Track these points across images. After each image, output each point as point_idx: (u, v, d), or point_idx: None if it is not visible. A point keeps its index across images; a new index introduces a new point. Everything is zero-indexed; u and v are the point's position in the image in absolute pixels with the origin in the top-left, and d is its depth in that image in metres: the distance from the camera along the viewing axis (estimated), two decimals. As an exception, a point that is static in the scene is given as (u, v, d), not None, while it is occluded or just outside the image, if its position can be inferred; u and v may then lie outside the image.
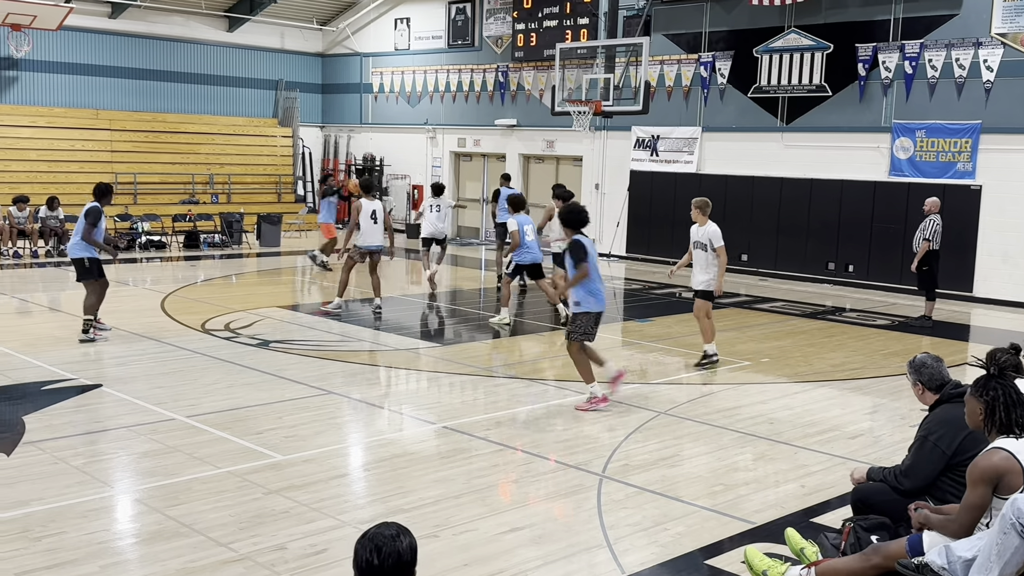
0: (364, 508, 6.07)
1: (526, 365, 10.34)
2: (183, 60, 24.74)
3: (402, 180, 25.62)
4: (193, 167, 23.92)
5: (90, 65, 23.11)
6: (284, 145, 26.27)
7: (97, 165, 22.40)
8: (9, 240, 18.17)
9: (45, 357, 9.82)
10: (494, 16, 23.09)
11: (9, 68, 21.91)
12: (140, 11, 23.57)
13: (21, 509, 5.79)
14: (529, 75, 22.52)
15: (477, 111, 23.81)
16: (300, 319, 12.73)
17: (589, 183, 21.51)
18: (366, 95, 26.59)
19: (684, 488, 6.56)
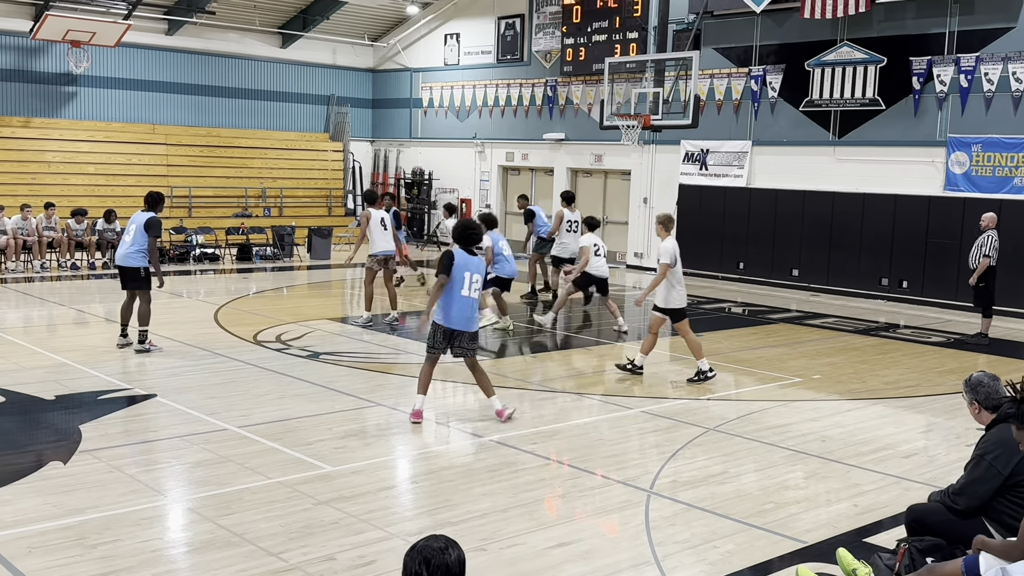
0: (412, 520, 6.10)
1: (573, 379, 10.32)
2: (237, 76, 25.19)
3: (450, 194, 25.75)
4: (246, 181, 24.31)
5: (147, 81, 23.63)
6: (335, 159, 26.59)
7: (153, 179, 22.85)
8: (68, 252, 18.60)
9: (101, 367, 10.02)
10: (543, 31, 23.18)
11: (68, 84, 22.48)
12: (196, 28, 24.07)
13: (78, 516, 5.91)
14: (577, 89, 22.55)
15: (525, 125, 23.90)
16: (350, 331, 12.84)
17: (637, 197, 21.46)
18: (416, 110, 26.83)
19: (734, 506, 6.49)
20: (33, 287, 16.37)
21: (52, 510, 5.99)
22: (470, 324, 8.25)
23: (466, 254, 8.27)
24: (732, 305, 16.63)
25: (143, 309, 11.01)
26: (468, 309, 8.23)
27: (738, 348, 12.45)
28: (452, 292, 8.17)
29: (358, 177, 27.32)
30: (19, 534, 5.59)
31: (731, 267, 19.63)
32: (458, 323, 8.22)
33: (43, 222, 18.47)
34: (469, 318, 8.25)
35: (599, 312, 15.82)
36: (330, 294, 17.06)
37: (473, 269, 8.22)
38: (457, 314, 8.20)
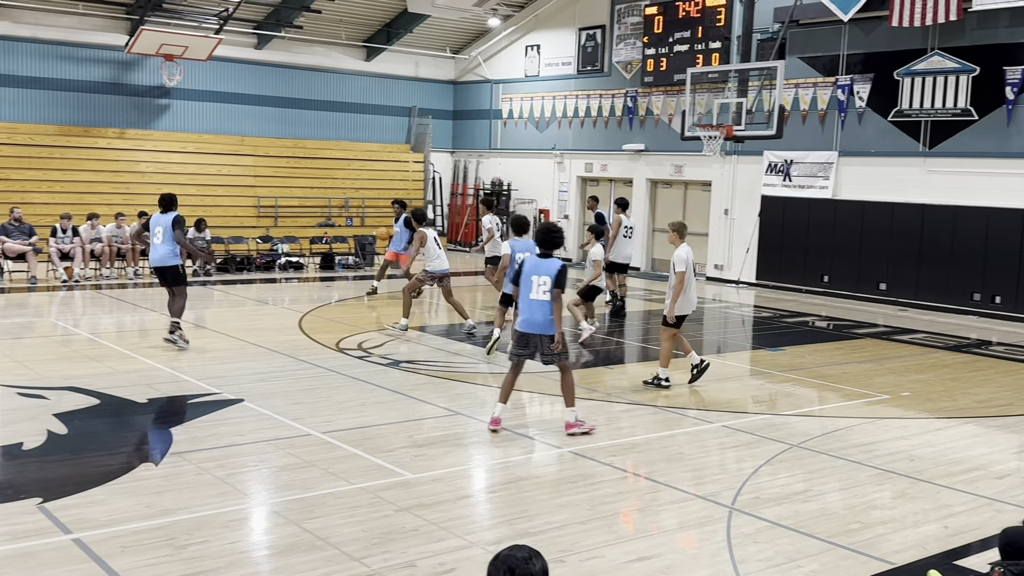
0: (490, 529, 6.12)
1: (651, 392, 10.23)
2: (323, 88, 25.72)
3: (529, 204, 25.86)
4: (330, 191, 24.78)
5: (236, 94, 24.29)
6: (416, 170, 26.93)
7: (241, 189, 23.49)
8: (160, 259, 19.17)
9: (191, 372, 10.32)
10: (624, 42, 23.14)
11: (162, 96, 23.25)
12: (284, 42, 24.67)
13: (168, 517, 6.09)
14: (658, 100, 22.43)
15: (605, 136, 23.85)
16: (428, 340, 12.97)
17: (718, 208, 21.22)
18: (495, 121, 27.02)
19: (819, 524, 6.35)
20: (126, 293, 16.94)
21: (144, 510, 6.19)
22: (546, 327, 8.24)
23: (537, 258, 8.33)
24: (816, 319, 16.31)
25: (179, 303, 11.81)
26: (539, 312, 8.23)
27: (822, 363, 12.20)
28: (521, 296, 8.30)
29: (438, 188, 27.61)
30: (112, 533, 5.78)
31: (815, 280, 19.25)
32: (529, 326, 8.26)
33: (137, 230, 19.08)
34: (541, 322, 8.24)
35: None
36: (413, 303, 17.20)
37: (542, 271, 8.20)
38: (528, 317, 8.25)
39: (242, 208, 23.37)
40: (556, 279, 8.14)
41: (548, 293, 8.18)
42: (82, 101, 22.19)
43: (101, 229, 18.67)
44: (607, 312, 15.73)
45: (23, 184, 20.75)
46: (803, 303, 18.16)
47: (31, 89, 21.53)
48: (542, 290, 8.20)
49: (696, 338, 13.71)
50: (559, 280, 8.14)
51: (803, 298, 18.83)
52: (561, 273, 8.15)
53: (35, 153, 21.20)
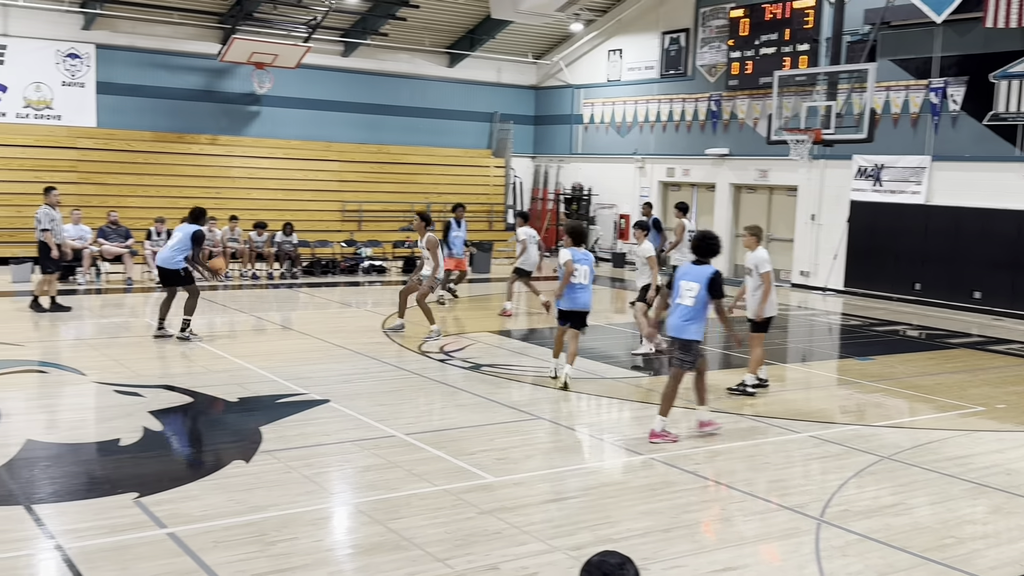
0: (573, 535, 6.11)
1: (735, 400, 10.09)
2: (407, 95, 26.07)
3: (609, 209, 25.76)
4: (412, 196, 25.07)
5: (323, 100, 24.78)
6: (497, 175, 27.07)
7: (327, 194, 23.94)
8: (249, 262, 19.69)
9: (279, 372, 10.55)
10: (709, 45, 22.89)
11: (252, 103, 23.86)
12: (370, 49, 25.08)
13: (258, 514, 6.24)
14: (743, 103, 22.12)
15: (687, 140, 23.63)
16: (509, 344, 13.01)
17: (804, 214, 20.81)
18: (576, 126, 26.99)
19: (911, 539, 6.18)
20: (217, 295, 17.40)
21: (235, 506, 6.35)
22: (680, 331, 8.38)
23: (691, 264, 8.58)
24: (907, 328, 15.87)
25: (190, 302, 12.36)
26: (678, 317, 8.42)
27: (914, 373, 11.87)
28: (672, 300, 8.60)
29: (518, 193, 27.71)
30: (205, 528, 5.95)
31: (906, 288, 18.73)
32: (670, 329, 8.51)
33: (227, 234, 19.63)
34: (679, 325, 8.40)
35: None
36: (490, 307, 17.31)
37: (692, 278, 8.37)
38: (671, 321, 8.52)
39: (327, 212, 23.82)
40: (709, 286, 8.24)
41: (693, 299, 8.30)
42: (176, 108, 22.91)
43: (193, 232, 19.20)
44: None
45: (120, 188, 21.52)
46: (893, 311, 17.68)
47: (128, 96, 22.31)
48: (689, 295, 8.37)
49: (781, 346, 13.49)
50: (712, 287, 8.23)
51: (893, 306, 18.34)
52: (714, 280, 8.24)
53: (131, 158, 21.97)
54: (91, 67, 21.79)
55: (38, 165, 20.72)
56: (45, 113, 21.43)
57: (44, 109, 21.42)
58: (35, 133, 21.16)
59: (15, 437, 7.76)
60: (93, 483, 6.84)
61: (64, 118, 21.60)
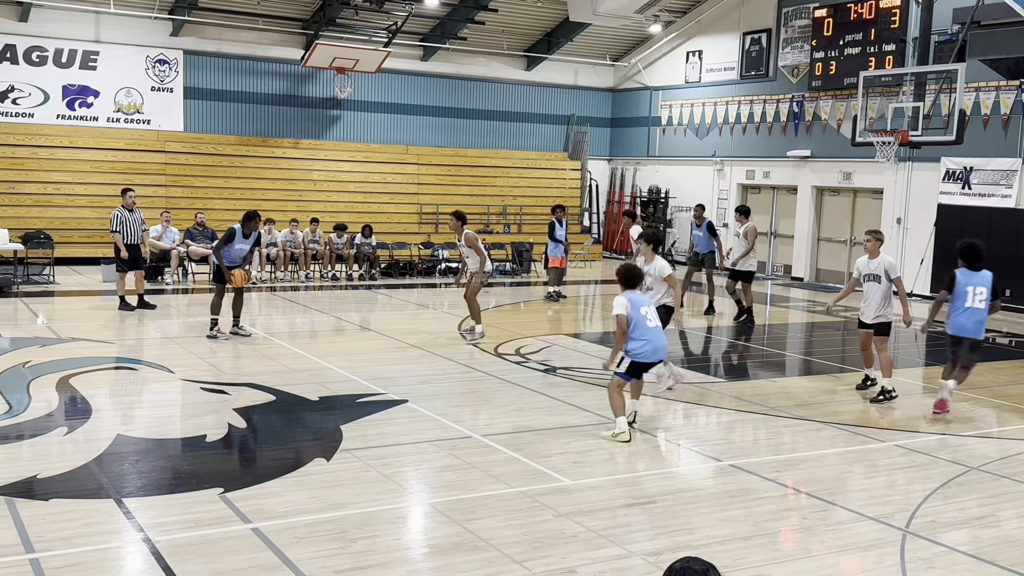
0: (650, 540, 6.07)
1: (817, 407, 9.90)
2: (484, 98, 26.24)
3: (687, 212, 25.49)
4: (488, 199, 25.23)
5: (402, 104, 25.10)
6: (573, 178, 27.05)
7: (405, 196, 24.24)
8: (329, 264, 20.03)
9: (359, 372, 10.71)
10: (791, 45, 22.51)
11: (333, 108, 24.29)
12: (448, 53, 25.30)
13: (339, 511, 6.35)
14: (826, 104, 21.70)
15: (768, 142, 23.27)
16: (584, 347, 12.99)
17: (890, 217, 20.31)
18: (654, 128, 26.80)
19: (1001, 552, 5.99)
20: (298, 295, 17.77)
21: (317, 504, 6.47)
22: (978, 332, 9.46)
23: (969, 271, 9.56)
24: (997, 335, 15.35)
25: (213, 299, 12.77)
26: (974, 319, 9.42)
27: (1003, 383, 11.49)
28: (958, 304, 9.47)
29: (594, 195, 27.63)
30: (288, 524, 6.07)
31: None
32: (963, 330, 9.41)
33: (309, 236, 20.00)
34: (976, 327, 9.45)
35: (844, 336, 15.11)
36: (565, 310, 17.34)
37: (979, 283, 9.45)
38: (963, 322, 9.41)
39: (405, 215, 24.11)
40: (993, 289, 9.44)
41: (983, 302, 9.35)
42: (260, 112, 23.46)
43: (276, 234, 19.64)
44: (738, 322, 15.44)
45: (206, 191, 22.13)
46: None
47: (214, 101, 22.94)
48: (979, 299, 9.36)
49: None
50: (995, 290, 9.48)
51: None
52: (995, 284, 9.48)
53: (217, 162, 22.57)
54: (179, 72, 22.45)
55: (128, 168, 21.43)
56: (135, 117, 22.15)
57: (134, 113, 22.14)
58: (125, 137, 21.89)
59: (105, 432, 8.03)
60: (180, 478, 7.04)
61: (153, 122, 22.30)
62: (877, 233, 10.50)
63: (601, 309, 16.99)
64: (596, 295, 18.92)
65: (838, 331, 15.69)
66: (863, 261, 10.42)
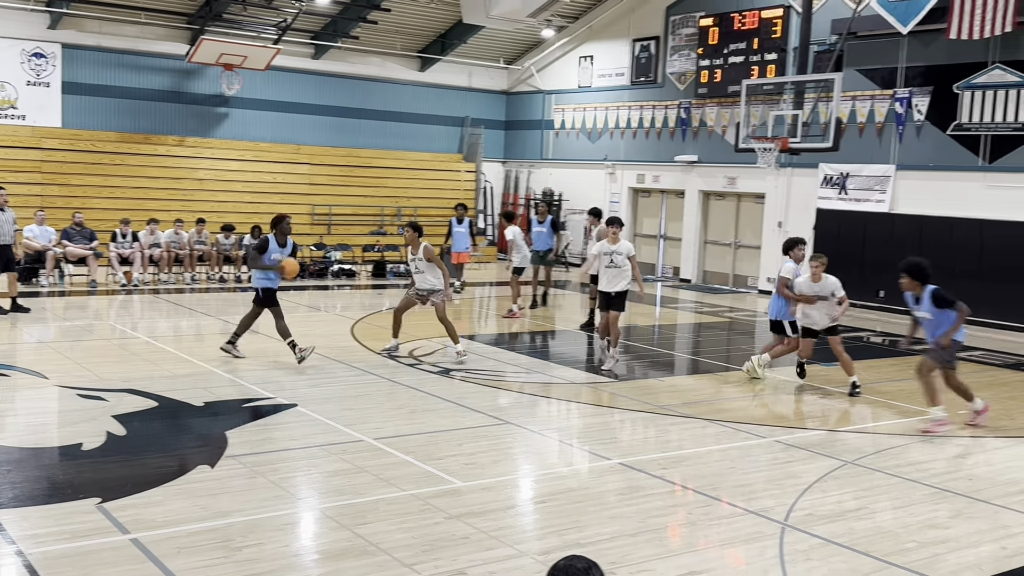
0: (540, 540, 6.13)
1: (703, 405, 10.16)
2: (377, 98, 26.01)
3: (580, 215, 25.81)
4: (383, 200, 25.02)
5: (293, 103, 24.65)
6: (467, 180, 27.07)
7: (296, 197, 23.80)
8: (216, 265, 19.54)
9: (246, 376, 10.48)
10: (678, 53, 23.05)
11: (221, 105, 23.69)
12: (340, 52, 24.99)
13: (223, 519, 6.19)
14: (712, 111, 22.30)
15: (657, 147, 23.77)
16: (477, 349, 13.01)
17: (771, 221, 21.01)
18: (547, 131, 27.07)
19: (874, 543, 6.26)
20: (183, 298, 17.27)
21: (200, 512, 6.30)
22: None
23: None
24: (871, 334, 16.06)
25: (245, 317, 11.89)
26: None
27: (878, 380, 12.02)
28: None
29: (489, 197, 27.73)
30: (169, 534, 5.89)
31: (870, 295, 18.94)
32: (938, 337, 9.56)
33: (194, 236, 19.47)
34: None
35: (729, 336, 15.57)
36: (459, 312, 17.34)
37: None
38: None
39: (297, 216, 23.59)
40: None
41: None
42: (143, 109, 22.69)
43: (160, 235, 19.06)
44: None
45: (85, 189, 21.28)
46: (858, 318, 17.88)
47: (94, 97, 22.08)
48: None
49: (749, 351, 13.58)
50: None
51: (858, 313, 18.54)
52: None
53: (97, 159, 21.72)
54: (56, 67, 21.53)
55: (2, 166, 20.43)
56: (9, 113, 21.14)
57: (8, 109, 21.13)
58: (-1, 133, 20.89)
59: (-25, 441, 7.64)
60: (55, 488, 6.75)
61: (28, 118, 21.31)
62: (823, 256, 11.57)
63: (496, 310, 17.06)
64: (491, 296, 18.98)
65: (724, 331, 16.15)
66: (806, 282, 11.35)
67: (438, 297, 12.16)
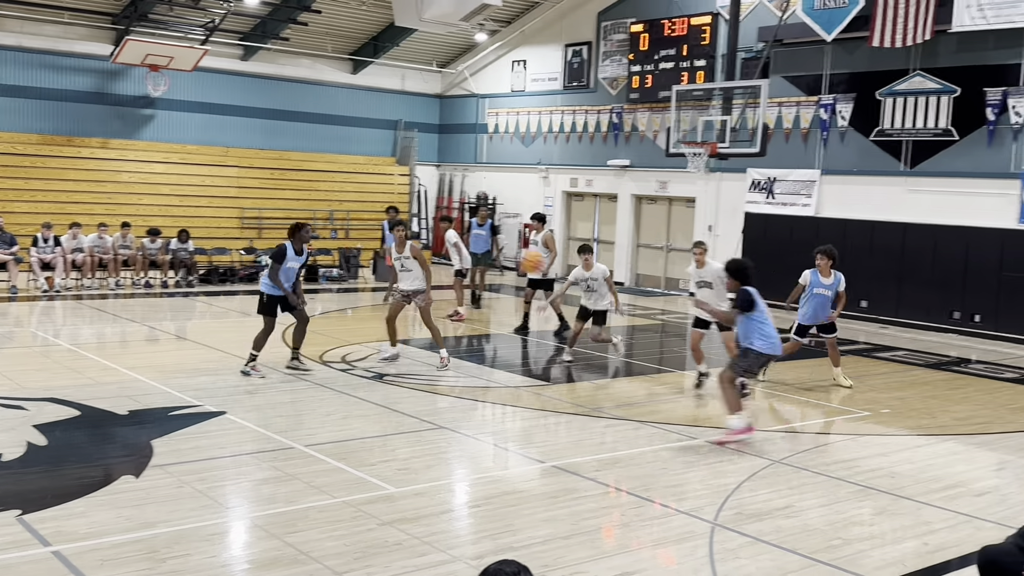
0: (474, 544, 6.11)
1: (636, 407, 10.26)
2: (308, 101, 25.71)
3: (514, 219, 25.89)
4: (315, 203, 24.72)
5: (221, 105, 24.23)
6: (401, 183, 26.92)
7: (225, 200, 23.41)
8: (142, 270, 19.10)
9: (172, 383, 10.26)
10: (610, 58, 23.26)
11: (146, 107, 23.18)
12: (270, 53, 24.66)
13: (148, 530, 6.05)
14: (643, 116, 22.54)
15: (590, 152, 23.95)
16: (413, 353, 12.94)
17: (702, 224, 21.32)
18: (481, 135, 27.08)
19: (801, 540, 6.38)
20: (107, 304, 16.85)
21: (124, 523, 6.14)
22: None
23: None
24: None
25: (258, 334, 11.18)
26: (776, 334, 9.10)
27: (804, 380, 12.26)
28: (767, 322, 8.94)
29: (423, 201, 27.63)
30: (92, 546, 5.74)
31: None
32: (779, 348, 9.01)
33: (119, 241, 19.02)
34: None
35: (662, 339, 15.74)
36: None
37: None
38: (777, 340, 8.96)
39: (226, 219, 23.29)
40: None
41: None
42: (66, 110, 22.08)
43: (83, 239, 18.56)
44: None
45: (4, 193, 20.61)
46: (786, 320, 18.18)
47: (14, 98, 21.41)
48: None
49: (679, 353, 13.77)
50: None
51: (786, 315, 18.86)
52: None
53: (17, 162, 21.06)
54: (-26, 66, 20.85)
55: (-85, 167, 19.71)
56: (-77, 113, 20.40)
57: (-78, 109, 20.38)
58: (-89, 134, 20.13)
59: None
60: (-29, 501, 6.52)
61: (-56, 119, 20.61)
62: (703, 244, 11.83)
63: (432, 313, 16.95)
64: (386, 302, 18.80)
65: (656, 334, 16.33)
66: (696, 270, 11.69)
67: (422, 299, 12.10)
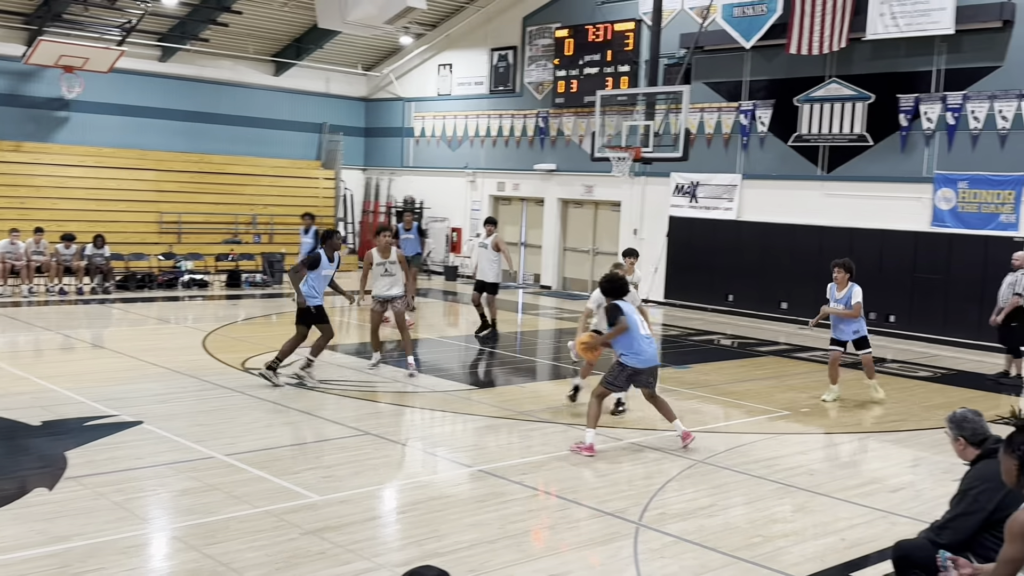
0: (399, 551, 6.06)
1: (563, 410, 10.30)
2: (230, 103, 25.27)
3: (442, 223, 25.84)
4: (237, 207, 24.31)
5: (139, 107, 23.67)
6: (327, 187, 26.64)
7: (143, 204, 22.87)
8: (56, 277, 18.53)
9: (87, 393, 9.97)
10: (535, 63, 23.38)
11: (61, 109, 22.51)
12: (189, 55, 24.17)
13: (62, 544, 5.86)
14: (569, 121, 22.70)
15: (517, 156, 24.03)
16: (338, 359, 12.80)
17: (627, 228, 21.54)
18: (408, 139, 26.95)
19: (722, 539, 6.48)
20: (20, 312, 16.31)
21: (36, 537, 5.94)
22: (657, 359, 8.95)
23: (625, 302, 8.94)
24: (721, 337, 16.67)
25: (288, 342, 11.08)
26: (652, 346, 8.87)
27: (726, 380, 12.48)
28: (635, 335, 8.63)
29: (349, 205, 27.38)
30: (2, 561, 5.54)
31: (720, 299, 19.70)
32: (653, 360, 8.81)
33: (32, 247, 18.43)
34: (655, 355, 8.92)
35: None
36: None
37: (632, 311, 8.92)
38: (651, 353, 8.79)
39: (143, 224, 22.74)
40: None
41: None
42: (-25, 112, 21.33)
43: (-7, 245, 17.93)
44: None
45: (-91, 197, 19.81)
46: (709, 321, 18.55)
47: (-81, 98, 20.61)
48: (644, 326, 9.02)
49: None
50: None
51: (709, 316, 19.24)
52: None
53: (-77, 165, 20.27)
54: None
55: None
56: None
57: None
58: None
59: None
60: None
61: None
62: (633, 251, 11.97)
63: (357, 320, 16.82)
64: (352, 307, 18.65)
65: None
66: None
67: (400, 304, 12.01)
